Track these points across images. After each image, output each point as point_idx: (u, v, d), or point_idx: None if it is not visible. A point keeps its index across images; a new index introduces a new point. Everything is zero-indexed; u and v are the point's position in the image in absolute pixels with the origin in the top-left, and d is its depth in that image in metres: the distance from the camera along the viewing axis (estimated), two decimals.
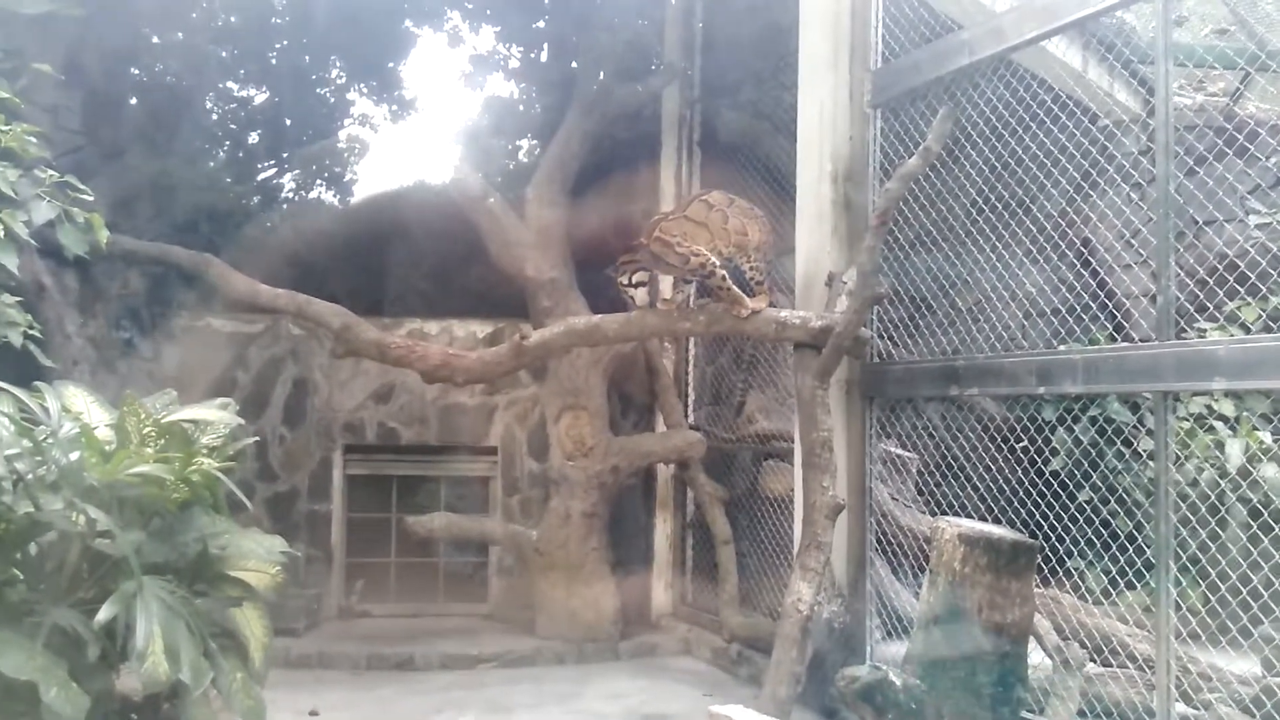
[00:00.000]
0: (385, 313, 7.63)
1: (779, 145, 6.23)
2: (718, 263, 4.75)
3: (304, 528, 7.25)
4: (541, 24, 8.92)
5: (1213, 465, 4.72)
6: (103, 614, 3.02)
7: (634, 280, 5.00)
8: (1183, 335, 3.96)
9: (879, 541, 5.07)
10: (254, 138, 9.24)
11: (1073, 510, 4.39)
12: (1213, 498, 4.35)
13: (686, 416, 7.26)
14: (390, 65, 9.45)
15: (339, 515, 7.42)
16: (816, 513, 4.65)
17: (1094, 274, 5.17)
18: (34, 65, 5.19)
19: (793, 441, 5.38)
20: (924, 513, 5.16)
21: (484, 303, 7.39)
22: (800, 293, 5.36)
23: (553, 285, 6.76)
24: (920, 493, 5.27)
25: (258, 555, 3.87)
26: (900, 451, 5.20)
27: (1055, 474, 4.61)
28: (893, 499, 5.13)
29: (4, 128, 4.58)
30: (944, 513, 4.73)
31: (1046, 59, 4.92)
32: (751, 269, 4.90)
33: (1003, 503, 4.62)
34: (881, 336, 5.10)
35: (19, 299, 4.72)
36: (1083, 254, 5.19)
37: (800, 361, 4.88)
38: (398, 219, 8.21)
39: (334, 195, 10.05)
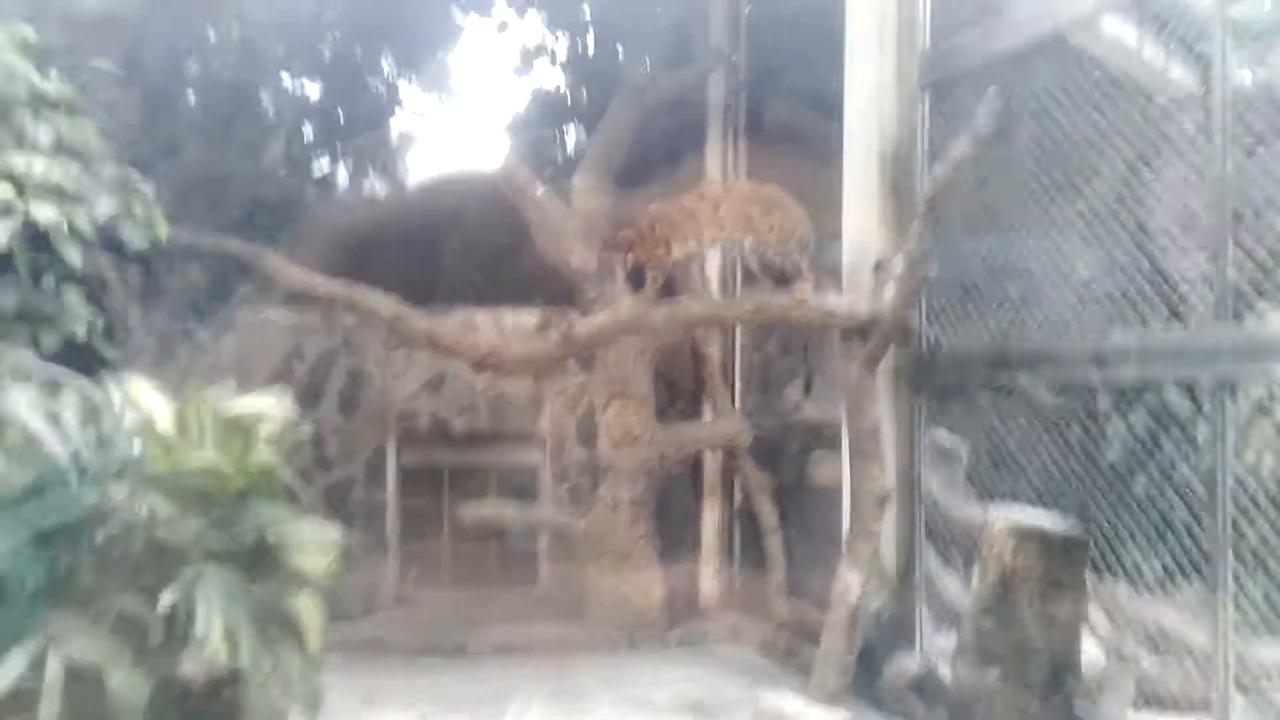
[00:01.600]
0: (436, 302, 7.71)
1: (826, 130, 6.15)
2: (668, 261, 4.83)
3: (359, 516, 7.36)
4: (587, 12, 8.92)
5: (1274, 454, 4.59)
6: (164, 600, 3.11)
7: (620, 260, 5.03)
8: (1241, 320, 3.85)
9: (928, 531, 5.02)
10: (308, 131, 9.38)
11: (1128, 499, 4.30)
12: (1273, 487, 4.23)
13: (733, 405, 7.24)
14: (439, 56, 9.53)
15: (393, 503, 7.53)
16: (865, 502, 4.62)
17: (1149, 257, 5.03)
18: (94, 62, 5.33)
19: (840, 430, 5.35)
20: (975, 502, 5.09)
21: (532, 292, 7.43)
22: (847, 279, 5.32)
23: (599, 274, 6.77)
24: (970, 482, 5.20)
25: (314, 543, 3.94)
26: (950, 440, 5.14)
27: (1110, 463, 4.52)
28: (943, 488, 5.07)
29: (66, 124, 4.72)
30: (995, 502, 4.66)
31: (1099, 37, 4.79)
32: (776, 255, 4.85)
33: (1055, 492, 4.54)
34: (930, 323, 5.04)
35: (83, 292, 4.87)
36: (1138, 236, 5.06)
37: (847, 349, 4.84)
38: (447, 209, 8.27)
39: (386, 186, 10.18)
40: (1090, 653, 4.18)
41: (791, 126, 6.75)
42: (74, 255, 4.57)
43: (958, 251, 5.01)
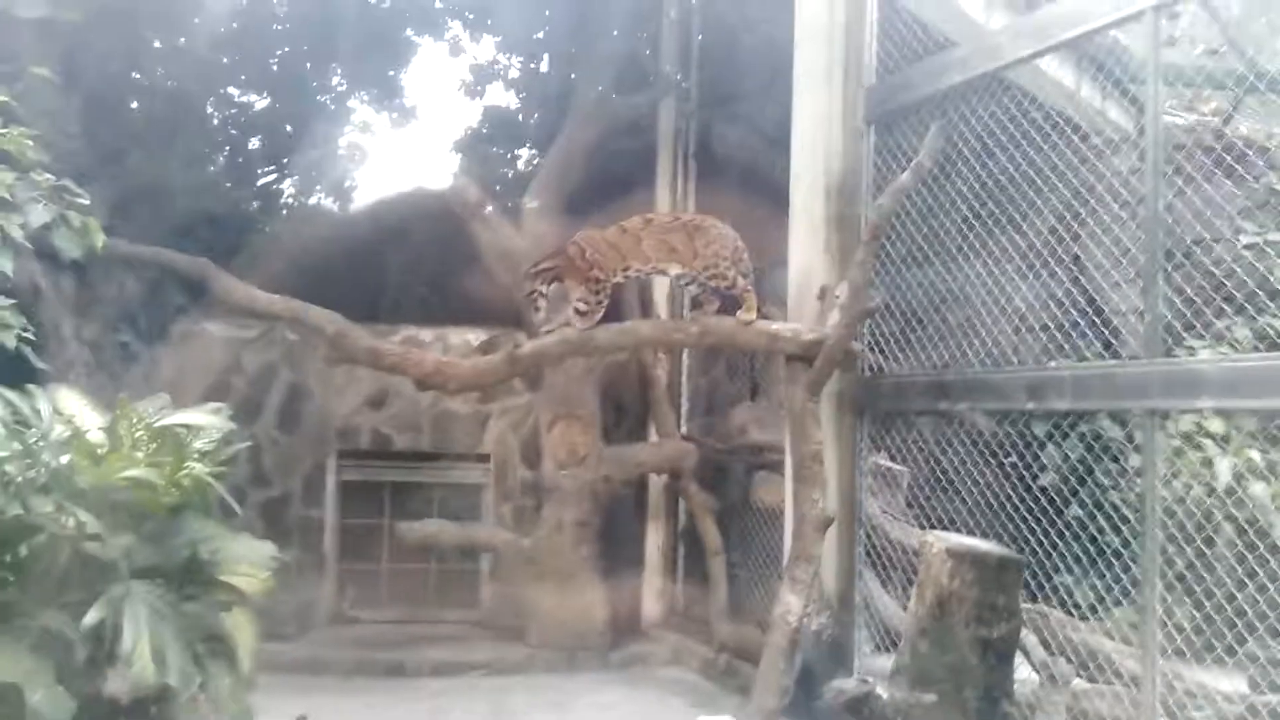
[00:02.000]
0: (381, 319, 7.62)
1: (773, 159, 6.24)
2: (608, 284, 4.89)
3: (296, 533, 7.22)
4: (541, 34, 8.96)
5: (1201, 483, 4.73)
6: (90, 617, 3.01)
7: (545, 289, 5.03)
8: (1172, 353, 3.97)
9: (869, 554, 5.05)
10: (254, 143, 9.25)
11: (1061, 526, 4.39)
12: (1199, 515, 4.35)
13: (679, 427, 7.26)
14: (391, 73, 9.47)
15: (332, 521, 7.40)
16: (806, 525, 4.64)
17: (1084, 291, 5.17)
18: (32, 69, 5.19)
19: (784, 453, 5.35)
20: (914, 526, 5.15)
21: (479, 311, 7.39)
22: (792, 305, 5.35)
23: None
24: (910, 506, 5.26)
25: (249, 560, 3.86)
26: (891, 465, 5.19)
27: (1044, 489, 4.60)
28: (883, 512, 5.12)
29: (1, 131, 4.58)
30: (934, 527, 4.72)
31: (1039, 77, 4.93)
32: (712, 278, 4.88)
33: (992, 518, 4.61)
34: (873, 350, 5.09)
35: (14, 301, 4.71)
36: (1073, 271, 5.20)
37: (792, 373, 4.87)
38: (396, 226, 8.22)
39: (333, 202, 10.08)
40: (1024, 675, 4.24)
41: (740, 154, 6.84)
42: (5, 263, 4.43)
43: (900, 281, 5.09)
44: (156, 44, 7.74)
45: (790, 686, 4.45)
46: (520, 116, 9.75)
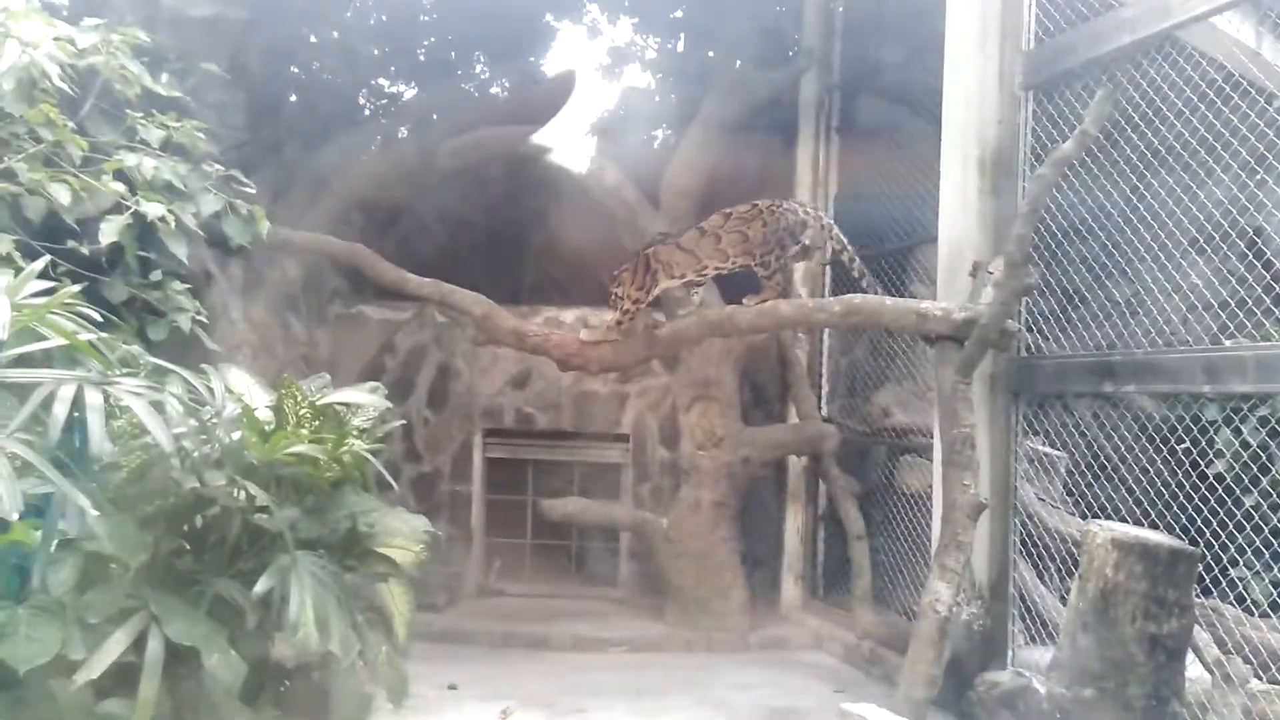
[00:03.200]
0: (523, 301, 7.77)
1: (922, 130, 6.01)
2: (639, 305, 5.14)
3: (446, 508, 7.48)
4: (679, 14, 8.87)
5: None
6: (260, 586, 3.17)
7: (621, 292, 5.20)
8: None
9: (1023, 543, 4.85)
10: (403, 132, 9.54)
11: (1238, 516, 4.08)
12: None
13: (820, 408, 7.12)
14: (531, 59, 9.59)
15: (479, 496, 7.62)
16: (957, 511, 4.47)
17: (1267, 265, 4.77)
18: (202, 65, 5.49)
19: (931, 437, 5.23)
20: (1073, 515, 4.91)
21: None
22: (942, 283, 5.18)
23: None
24: (1069, 494, 5.01)
25: (403, 533, 4.01)
26: (1048, 450, 4.96)
27: (1219, 477, 4.29)
28: (1039, 499, 4.90)
29: (175, 124, 4.87)
30: (1094, 516, 4.48)
31: (1216, 36, 4.56)
32: (759, 265, 4.99)
33: (1160, 507, 4.34)
34: (1030, 329, 4.86)
35: (188, 286, 5.02)
36: (1254, 244, 4.81)
37: (942, 355, 4.69)
38: (537, 209, 8.34)
39: (476, 187, 10.29)
40: (1195, 674, 3.98)
41: (887, 127, 6.62)
42: (180, 250, 4.71)
43: (1060, 256, 4.84)
44: (313, 38, 8.07)
45: (939, 677, 4.31)
46: (658, 97, 9.70)
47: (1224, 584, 4.20)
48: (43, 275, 3.27)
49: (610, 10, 9.14)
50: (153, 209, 4.45)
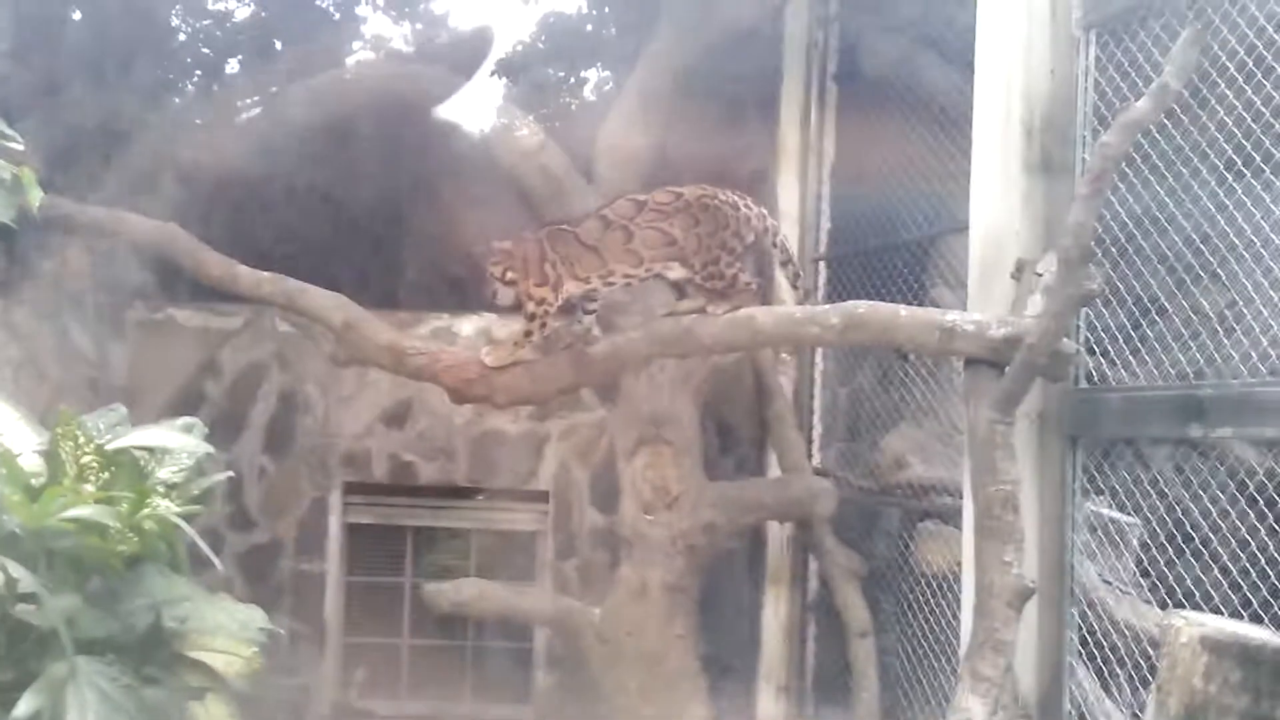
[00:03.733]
0: (403, 305, 7.73)
1: (950, 82, 6.12)
2: (550, 309, 5.17)
3: (289, 594, 7.39)
4: None
5: None
6: (21, 708, 3.10)
7: (505, 275, 5.23)
8: None
9: (1083, 642, 4.91)
10: (233, 66, 9.47)
11: None
12: None
13: (810, 456, 7.18)
14: None
15: (335, 578, 7.53)
16: (994, 598, 4.52)
17: None
18: None
19: (960, 496, 5.26)
20: (1149, 603, 4.99)
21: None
22: (975, 288, 5.26)
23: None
24: (1144, 574, 5.10)
25: (228, 630, 3.95)
26: (1116, 515, 5.04)
27: None
28: (1104, 582, 4.98)
29: None
30: (1178, 604, 4.56)
31: None
32: (704, 277, 5.08)
33: (1265, 591, 4.44)
34: (1092, 352, 4.95)
35: None
36: None
37: (974, 384, 4.76)
38: (421, 179, 8.32)
39: (338, 146, 10.24)
40: None
41: (902, 76, 6.72)
42: None
43: (1133, 254, 4.94)
44: None
45: None
46: (589, 27, 9.78)
47: None
48: None
49: None
50: None
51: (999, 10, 5.20)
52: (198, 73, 9.35)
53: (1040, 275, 4.77)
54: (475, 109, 7.91)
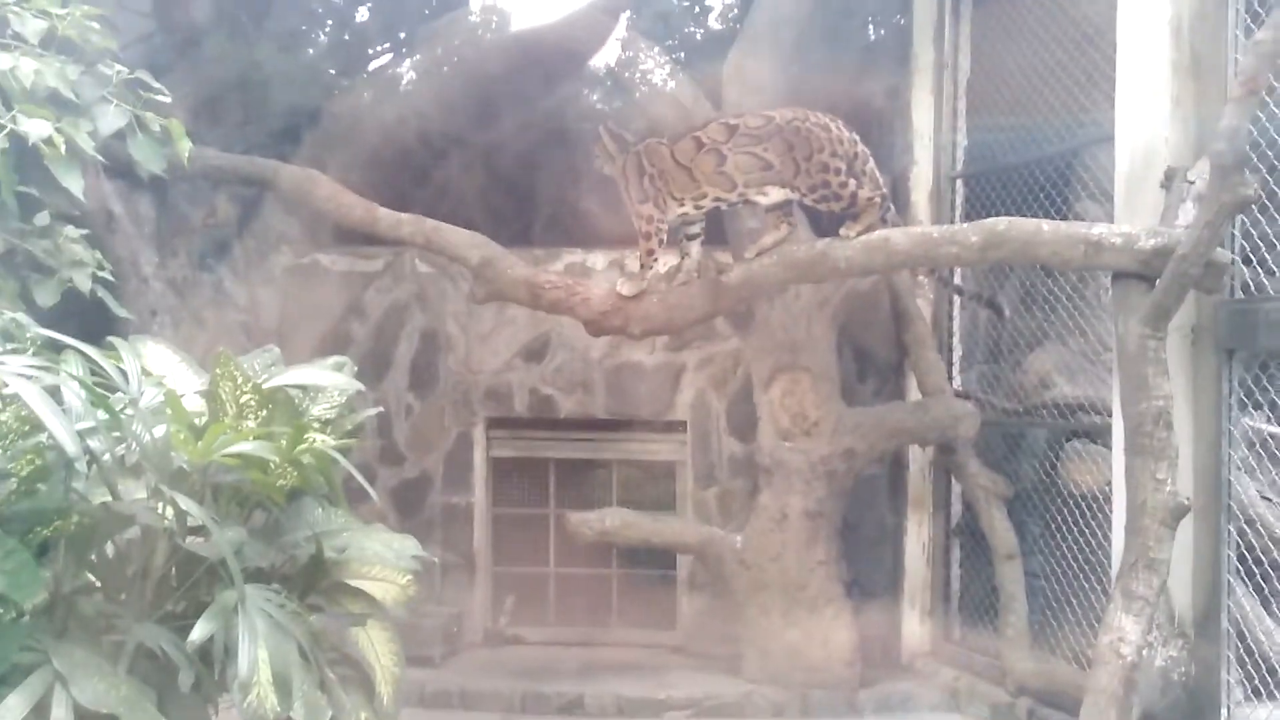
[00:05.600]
0: (537, 242, 7.78)
1: None
2: (661, 225, 5.32)
3: (439, 525, 7.56)
4: None
5: None
6: (197, 632, 3.20)
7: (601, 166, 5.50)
8: None
9: (1241, 560, 4.80)
10: (363, 13, 9.57)
11: None
12: None
13: (950, 379, 7.06)
14: None
15: (483, 510, 7.68)
16: (1147, 517, 4.44)
17: None
18: None
19: (1109, 415, 5.17)
20: None
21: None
22: (1122, 199, 5.12)
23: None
24: None
25: (384, 560, 4.04)
26: (1276, 429, 4.89)
27: None
28: (1264, 498, 4.84)
29: (60, 12, 4.91)
30: None
31: None
32: (818, 198, 5.12)
33: None
34: (1248, 262, 4.79)
35: (85, 232, 5.09)
36: None
37: (1122, 299, 4.66)
38: (550, 116, 8.32)
39: (467, 88, 10.29)
40: None
41: None
42: (73, 183, 4.75)
43: None
44: None
45: None
46: None
47: None
48: None
49: None
50: (35, 128, 4.50)
51: None
52: (329, 22, 9.46)
53: (1191, 183, 4.64)
54: (600, 37, 7.87)
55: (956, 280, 6.57)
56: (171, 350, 4.19)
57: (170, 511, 3.45)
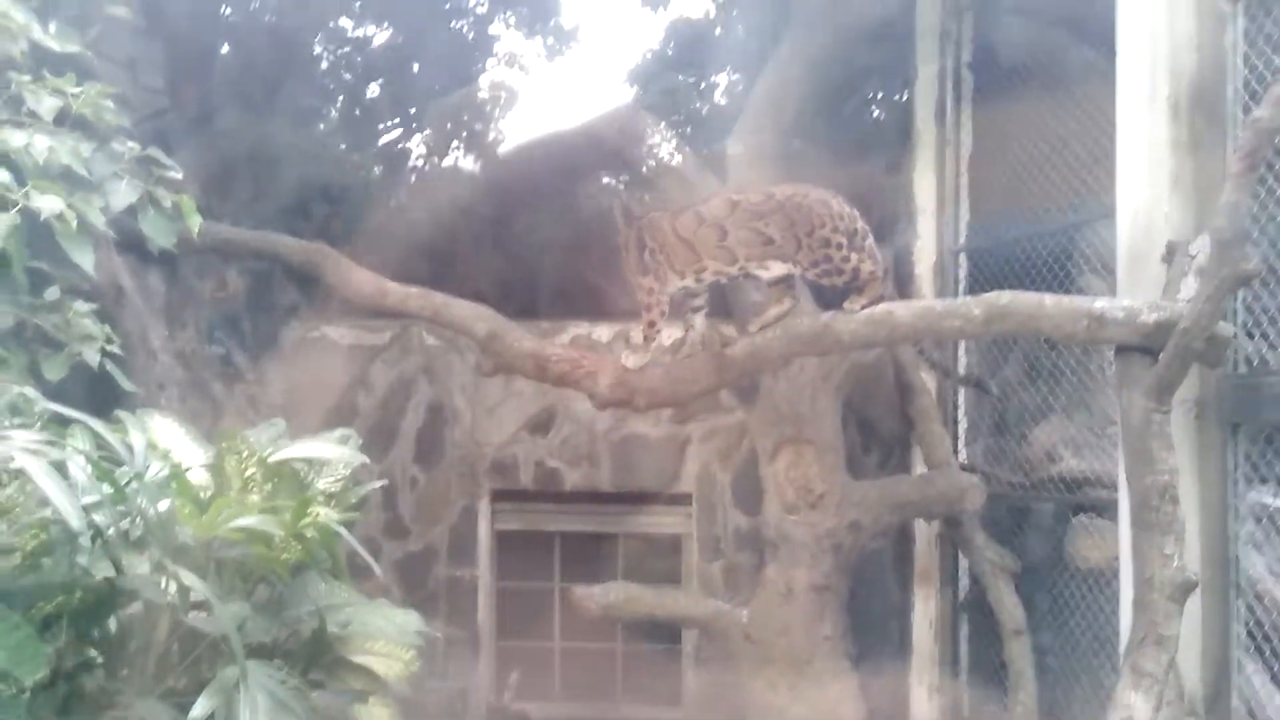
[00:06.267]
0: (543, 314, 7.81)
1: (1088, 63, 5.97)
2: (660, 297, 5.31)
3: (443, 600, 7.52)
4: None
5: None
6: (198, 709, 3.19)
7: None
8: None
9: (1251, 635, 4.74)
10: (374, 90, 9.71)
11: None
12: None
13: (956, 452, 7.05)
14: None
15: (487, 584, 7.64)
16: (1155, 592, 4.40)
17: None
18: (107, 9, 5.62)
19: (1116, 489, 5.13)
20: None
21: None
22: (1124, 273, 5.11)
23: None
24: None
25: (387, 635, 4.04)
26: None
27: None
28: (1272, 573, 4.79)
29: (74, 90, 4.98)
30: None
31: None
32: (819, 274, 5.11)
33: None
34: (1251, 335, 4.78)
35: (94, 306, 5.12)
36: None
37: (1126, 372, 4.64)
38: (557, 190, 8.40)
39: (476, 161, 10.41)
40: None
41: (1037, 60, 6.58)
42: (84, 258, 4.78)
43: None
44: None
45: None
46: (718, 30, 9.78)
47: None
48: None
49: None
50: (47, 203, 4.54)
51: None
52: (340, 98, 9.60)
53: (1193, 257, 4.64)
54: (612, 115, 7.92)
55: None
56: (178, 424, 4.22)
57: (173, 586, 3.45)
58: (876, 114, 7.62)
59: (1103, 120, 5.42)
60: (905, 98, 7.43)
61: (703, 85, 10.08)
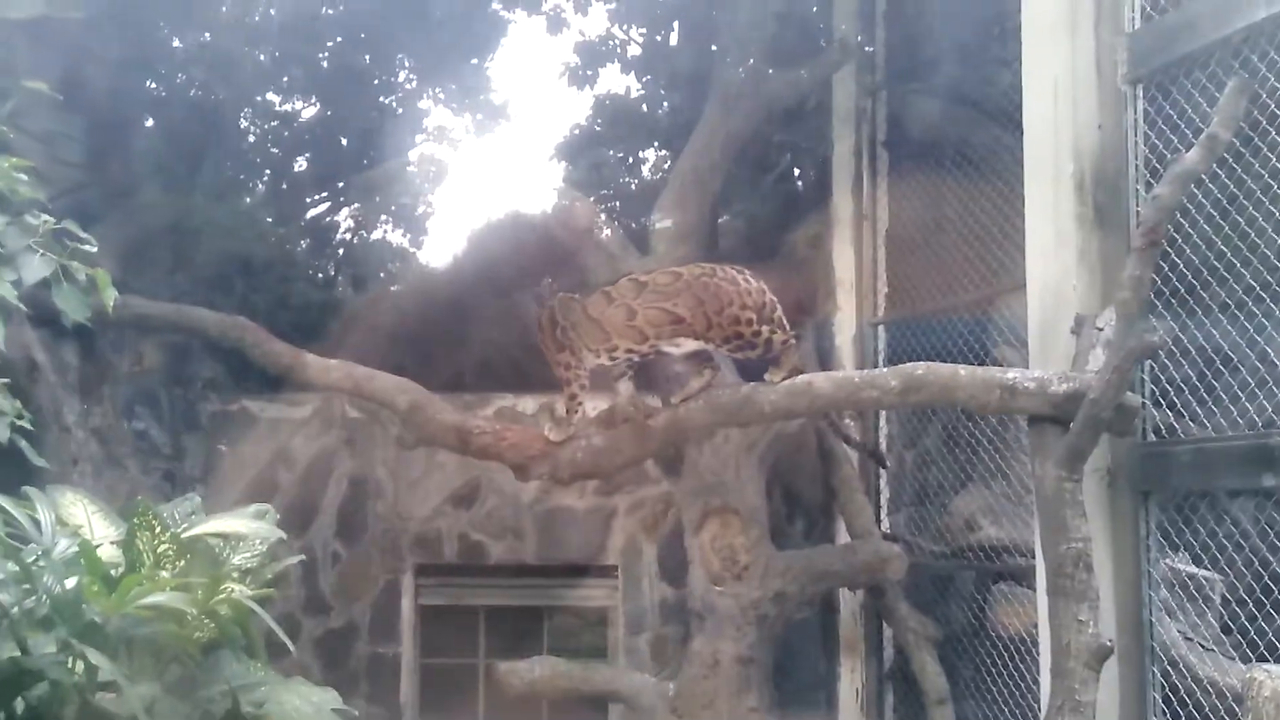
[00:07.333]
0: (467, 387, 7.79)
1: (997, 141, 6.13)
2: (578, 371, 5.32)
3: (365, 677, 7.39)
4: None
5: None
6: None
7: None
8: None
9: (1166, 701, 4.78)
10: (300, 164, 9.71)
11: None
12: None
13: (879, 522, 7.10)
14: (473, 62, 9.80)
15: (410, 660, 7.53)
16: (1072, 659, 4.43)
17: None
18: (25, 83, 5.58)
19: (1033, 557, 5.18)
20: (1232, 659, 4.86)
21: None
22: (1035, 345, 5.22)
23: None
24: (1227, 630, 4.97)
25: (304, 715, 3.95)
26: (1195, 570, 4.93)
27: None
28: (1185, 639, 4.86)
29: None
30: (1263, 658, 4.44)
31: None
32: (738, 349, 5.13)
33: None
34: (1159, 404, 4.88)
35: (6, 380, 5.02)
36: None
37: (1039, 442, 4.71)
38: (483, 263, 8.43)
39: (402, 234, 10.44)
40: None
41: (949, 138, 6.74)
42: None
43: (1194, 304, 4.88)
44: (176, 43, 8.24)
45: None
46: (644, 107, 9.93)
47: None
48: None
49: None
50: None
51: (1044, 68, 5.21)
52: (267, 171, 9.57)
53: (1100, 330, 4.74)
54: (536, 189, 8.01)
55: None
56: (89, 500, 4.14)
57: (81, 666, 3.36)
58: (797, 189, 7.74)
59: (1012, 196, 5.54)
60: (823, 174, 7.56)
61: (630, 160, 10.20)
